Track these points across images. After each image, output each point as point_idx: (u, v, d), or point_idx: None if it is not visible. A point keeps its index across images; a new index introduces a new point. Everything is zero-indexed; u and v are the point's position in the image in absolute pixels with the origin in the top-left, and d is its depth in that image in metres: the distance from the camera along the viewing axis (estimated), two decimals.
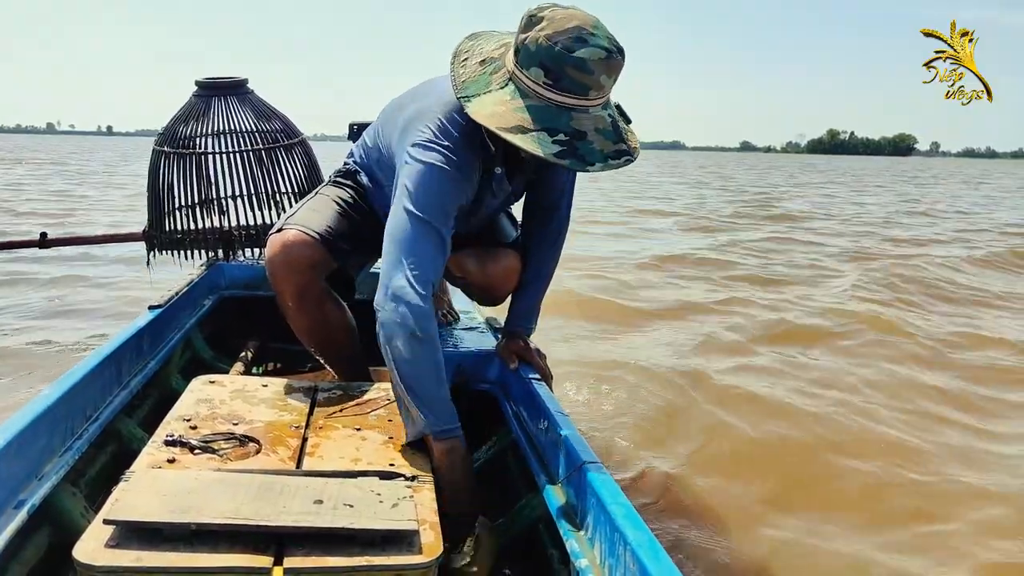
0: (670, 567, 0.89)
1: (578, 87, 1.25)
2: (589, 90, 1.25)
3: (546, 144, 1.24)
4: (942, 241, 8.59)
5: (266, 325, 2.27)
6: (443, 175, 1.39)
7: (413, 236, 1.36)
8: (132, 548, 0.91)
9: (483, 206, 1.60)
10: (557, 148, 1.24)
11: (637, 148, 1.33)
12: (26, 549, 1.15)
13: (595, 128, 1.27)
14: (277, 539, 0.96)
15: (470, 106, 1.31)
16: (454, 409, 1.37)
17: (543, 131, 1.24)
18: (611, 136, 1.28)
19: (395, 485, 1.11)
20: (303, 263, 1.58)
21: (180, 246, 2.63)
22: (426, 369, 1.34)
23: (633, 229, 9.26)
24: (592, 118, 1.27)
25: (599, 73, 1.24)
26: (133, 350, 1.71)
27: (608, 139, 1.28)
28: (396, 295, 1.33)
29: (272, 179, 2.62)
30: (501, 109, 1.28)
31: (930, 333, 3.89)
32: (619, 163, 1.28)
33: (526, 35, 1.27)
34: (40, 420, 1.21)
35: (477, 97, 1.32)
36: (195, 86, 2.67)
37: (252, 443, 1.26)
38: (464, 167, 1.42)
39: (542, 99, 1.26)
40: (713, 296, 4.87)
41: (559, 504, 1.23)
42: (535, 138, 1.24)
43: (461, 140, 1.40)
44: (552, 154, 1.23)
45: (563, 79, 1.24)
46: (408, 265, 1.34)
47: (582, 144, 1.25)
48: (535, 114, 1.26)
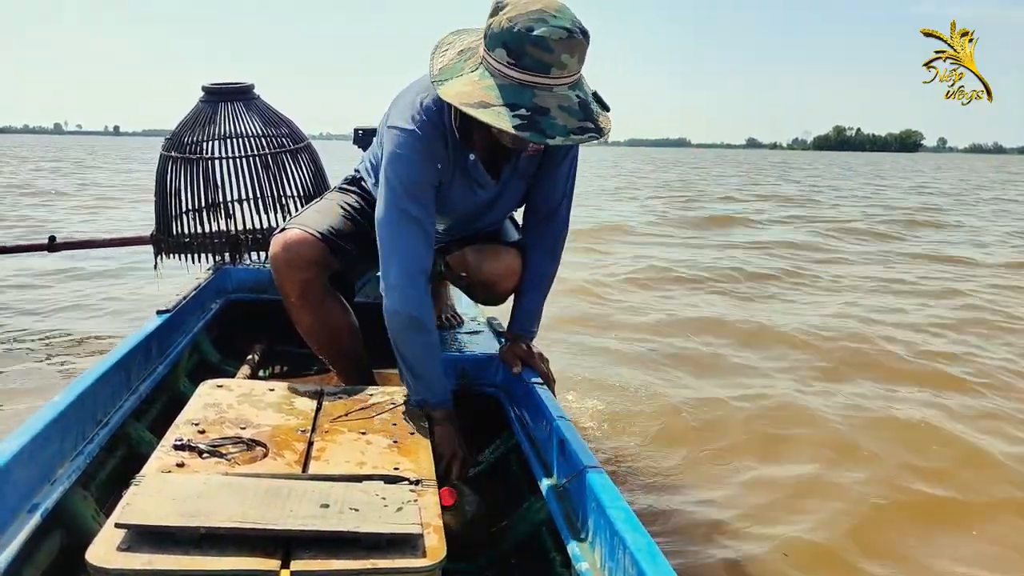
0: (668, 571, 0.91)
1: (539, 65, 1.29)
2: (551, 68, 1.29)
3: (506, 118, 1.29)
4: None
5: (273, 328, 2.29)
6: (409, 158, 1.48)
7: (395, 229, 1.50)
8: (143, 552, 0.93)
9: (472, 198, 1.62)
10: (517, 121, 1.28)
11: (607, 130, 1.36)
12: (39, 552, 1.18)
13: (559, 105, 1.30)
14: (284, 542, 0.98)
15: (441, 88, 1.37)
16: (446, 383, 1.58)
17: (505, 106, 1.29)
18: (576, 114, 1.31)
19: (400, 489, 1.13)
20: (305, 261, 1.63)
21: (187, 250, 2.66)
22: (419, 351, 1.53)
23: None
24: (556, 96, 1.31)
25: (559, 51, 1.28)
26: (142, 355, 1.74)
27: (572, 116, 1.31)
28: (389, 285, 1.51)
29: (278, 183, 2.64)
30: (468, 88, 1.34)
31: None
32: (582, 138, 1.32)
33: (492, 19, 1.33)
34: (52, 425, 1.24)
35: (449, 81, 1.38)
36: (202, 91, 2.70)
37: (259, 447, 1.28)
38: (428, 146, 1.48)
39: (507, 78, 1.31)
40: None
41: (560, 508, 1.25)
42: (496, 112, 1.30)
43: (427, 122, 1.47)
44: (512, 126, 1.28)
45: (524, 57, 1.29)
46: (396, 258, 1.50)
47: (544, 119, 1.29)
48: (499, 92, 1.31)
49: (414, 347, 1.53)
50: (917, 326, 4.11)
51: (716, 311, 4.53)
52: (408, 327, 1.52)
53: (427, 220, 1.52)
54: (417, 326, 1.52)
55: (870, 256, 7.18)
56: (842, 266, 6.49)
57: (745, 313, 4.46)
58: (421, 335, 1.53)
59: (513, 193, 1.69)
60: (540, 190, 1.69)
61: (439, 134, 1.49)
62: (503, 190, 1.65)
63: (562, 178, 1.68)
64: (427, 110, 1.47)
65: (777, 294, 5.19)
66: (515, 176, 1.64)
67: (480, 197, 1.64)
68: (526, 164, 1.62)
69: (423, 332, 1.53)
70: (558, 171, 1.66)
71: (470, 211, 1.68)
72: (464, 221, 1.72)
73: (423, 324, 1.52)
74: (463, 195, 1.61)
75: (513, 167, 1.61)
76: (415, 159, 1.48)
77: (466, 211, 1.67)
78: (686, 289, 5.28)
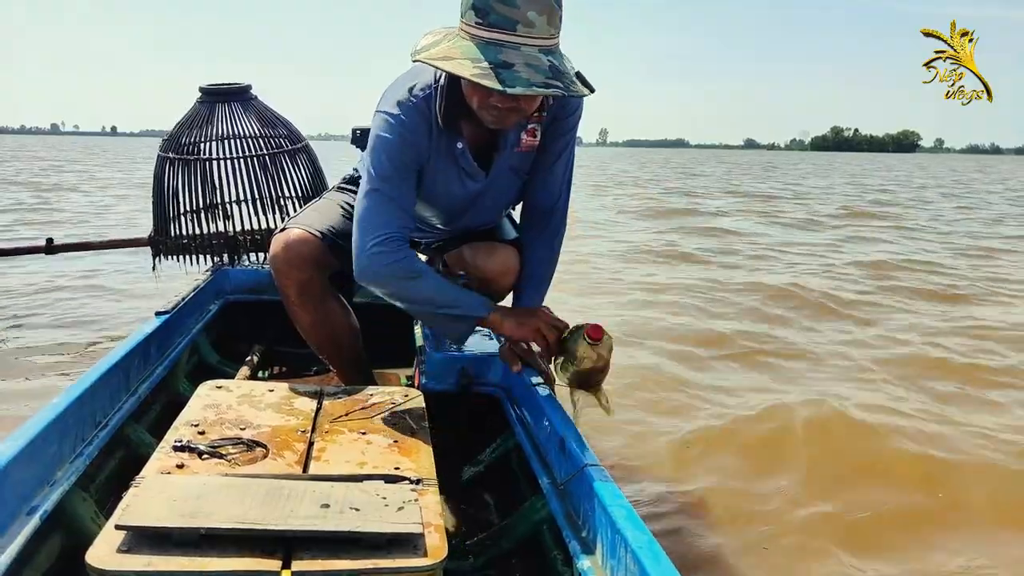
0: (670, 568, 0.91)
1: (505, 21, 1.29)
2: (516, 24, 1.29)
3: (467, 67, 1.29)
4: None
5: (272, 329, 2.29)
6: (390, 140, 1.48)
7: (371, 206, 1.50)
8: (143, 553, 0.93)
9: (461, 188, 1.62)
10: (477, 71, 1.29)
11: (580, 94, 1.35)
12: (39, 554, 1.17)
13: (525, 63, 1.30)
14: (285, 543, 0.97)
15: (419, 56, 1.38)
16: (475, 295, 1.61)
17: (468, 60, 1.30)
18: (543, 72, 1.30)
19: (400, 488, 1.13)
20: (304, 260, 1.63)
21: (186, 251, 2.65)
22: (435, 290, 1.54)
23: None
24: (523, 55, 1.30)
25: (525, 8, 1.28)
26: (141, 356, 1.74)
27: (538, 73, 1.30)
28: (366, 253, 1.49)
29: (276, 184, 2.64)
30: (435, 50, 1.36)
31: None
32: (545, 91, 1.31)
33: None
34: (51, 427, 1.23)
35: (427, 50, 1.39)
36: (199, 92, 2.70)
37: (259, 448, 1.28)
38: (410, 130, 1.49)
39: (476, 38, 1.32)
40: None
41: (562, 506, 1.25)
42: (457, 63, 1.30)
43: (412, 107, 1.48)
44: (471, 73, 1.28)
45: (490, 15, 1.29)
46: (371, 229, 1.49)
47: (506, 72, 1.29)
48: (465, 49, 1.32)
49: (420, 292, 1.53)
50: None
51: (640, 275, 5.63)
52: (404, 280, 1.51)
53: (406, 201, 1.53)
54: (409, 274, 1.51)
55: (786, 240, 8.33)
56: (758, 246, 7.68)
57: (670, 277, 5.58)
58: (420, 280, 1.52)
59: (505, 187, 1.68)
60: (537, 187, 1.69)
61: (423, 119, 1.50)
62: (493, 183, 1.64)
63: (559, 176, 1.68)
64: (413, 96, 1.49)
65: (701, 263, 6.41)
66: (507, 170, 1.63)
67: (469, 188, 1.63)
68: (520, 160, 1.62)
69: (421, 277, 1.53)
70: (554, 169, 1.66)
71: (461, 203, 1.67)
72: (457, 214, 1.72)
73: (414, 270, 1.52)
74: (452, 185, 1.60)
75: (505, 159, 1.60)
76: (396, 142, 1.49)
77: (457, 202, 1.66)
78: (623, 263, 6.29)
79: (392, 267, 1.50)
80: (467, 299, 1.58)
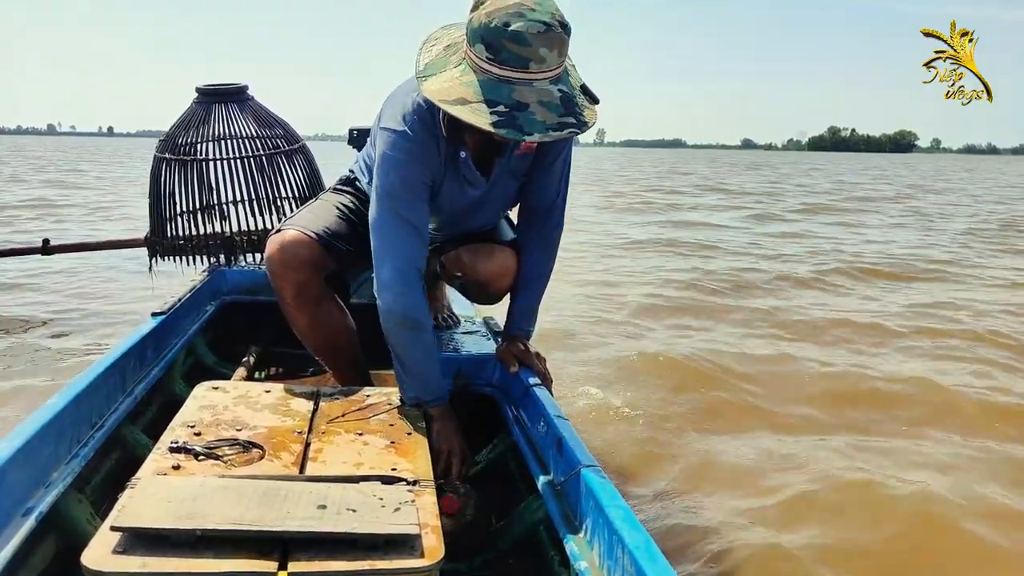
0: (667, 569, 0.91)
1: (517, 60, 1.28)
2: (529, 62, 1.28)
3: (484, 114, 1.29)
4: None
5: (268, 330, 2.28)
6: (400, 159, 1.48)
7: (388, 229, 1.50)
8: (139, 554, 0.93)
9: (462, 196, 1.61)
10: (495, 118, 1.28)
11: (591, 123, 1.35)
12: (34, 556, 1.17)
13: (539, 101, 1.30)
14: (281, 544, 0.97)
15: (423, 84, 1.37)
16: (443, 381, 1.58)
17: (483, 103, 1.29)
18: (556, 109, 1.31)
19: (397, 489, 1.13)
20: (301, 261, 1.63)
21: (182, 252, 2.65)
22: (415, 349, 1.53)
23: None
24: (536, 91, 1.30)
25: (538, 45, 1.27)
26: (137, 357, 1.73)
27: (552, 111, 1.30)
28: (383, 285, 1.51)
29: (273, 184, 2.63)
30: (448, 85, 1.34)
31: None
32: (561, 134, 1.32)
33: (473, 14, 1.33)
34: (47, 428, 1.23)
35: (433, 76, 1.38)
36: (196, 92, 2.69)
37: (256, 449, 1.28)
38: (420, 147, 1.48)
39: (487, 74, 1.31)
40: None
41: (559, 507, 1.25)
42: (473, 109, 1.30)
43: (418, 122, 1.47)
44: (490, 123, 1.28)
45: (502, 52, 1.28)
46: (389, 258, 1.50)
47: (522, 115, 1.29)
48: (479, 88, 1.31)
49: (409, 346, 1.53)
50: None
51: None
52: (402, 326, 1.52)
53: (420, 220, 1.52)
54: (412, 324, 1.52)
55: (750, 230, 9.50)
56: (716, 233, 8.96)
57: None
58: (416, 333, 1.53)
59: (504, 191, 1.68)
60: (534, 189, 1.69)
61: (431, 134, 1.48)
62: (493, 188, 1.64)
63: (556, 177, 1.67)
64: (418, 110, 1.47)
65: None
66: (506, 174, 1.63)
67: (470, 195, 1.63)
68: (518, 162, 1.62)
69: (418, 330, 1.53)
70: (552, 170, 1.66)
71: (461, 209, 1.67)
72: (455, 219, 1.72)
73: (418, 322, 1.53)
74: (453, 193, 1.60)
75: (505, 164, 1.60)
76: (406, 160, 1.48)
77: (456, 209, 1.66)
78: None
79: (397, 303, 1.50)
80: (434, 382, 1.54)
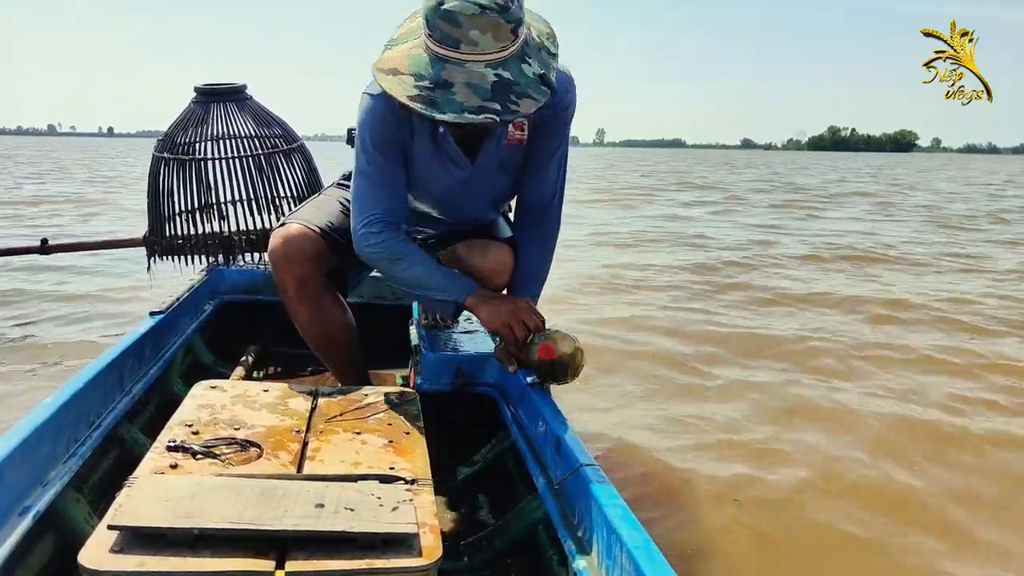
0: (666, 568, 0.91)
1: (449, 39, 1.28)
2: (459, 43, 1.27)
3: (407, 88, 1.29)
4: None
5: (267, 329, 2.28)
6: (369, 120, 1.52)
7: (364, 184, 1.56)
8: (136, 553, 0.92)
9: (447, 175, 1.61)
10: (415, 92, 1.29)
11: (522, 113, 1.31)
12: (32, 555, 1.17)
13: (466, 82, 1.28)
14: (279, 543, 0.97)
15: (384, 53, 1.38)
16: (458, 278, 1.62)
17: (411, 76, 1.30)
18: (482, 93, 1.28)
19: (395, 488, 1.12)
20: (304, 255, 1.65)
21: (181, 251, 2.65)
22: (413, 274, 1.59)
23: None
24: (467, 72, 1.28)
25: (468, 27, 1.26)
26: (135, 356, 1.73)
27: (476, 95, 1.28)
28: (358, 233, 1.57)
29: (272, 184, 2.64)
30: (397, 55, 1.35)
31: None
32: (477, 118, 1.29)
33: None
34: (44, 427, 1.23)
35: (396, 46, 1.38)
36: (194, 92, 2.69)
37: (253, 448, 1.27)
38: (393, 110, 1.47)
39: (427, 48, 1.31)
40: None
41: (557, 506, 1.24)
42: (400, 80, 1.31)
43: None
44: (406, 96, 1.29)
45: (436, 30, 1.28)
46: (363, 208, 1.56)
47: (442, 93, 1.28)
48: (417, 61, 1.31)
49: (406, 273, 1.59)
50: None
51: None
52: (391, 262, 1.58)
53: (396, 178, 1.56)
54: (398, 257, 1.57)
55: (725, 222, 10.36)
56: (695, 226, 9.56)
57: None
58: (405, 261, 1.58)
59: (493, 181, 1.66)
60: (530, 186, 1.68)
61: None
62: (480, 173, 1.62)
63: (552, 174, 1.67)
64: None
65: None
66: (495, 163, 1.62)
67: (455, 176, 1.62)
68: (508, 154, 1.61)
69: (405, 259, 1.57)
70: (547, 168, 1.65)
71: (448, 193, 1.66)
72: (445, 205, 1.71)
73: (403, 254, 1.57)
74: (437, 172, 1.60)
75: (493, 152, 1.59)
76: (378, 120, 1.51)
77: (444, 193, 1.66)
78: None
79: (377, 248, 1.56)
80: (449, 283, 1.61)
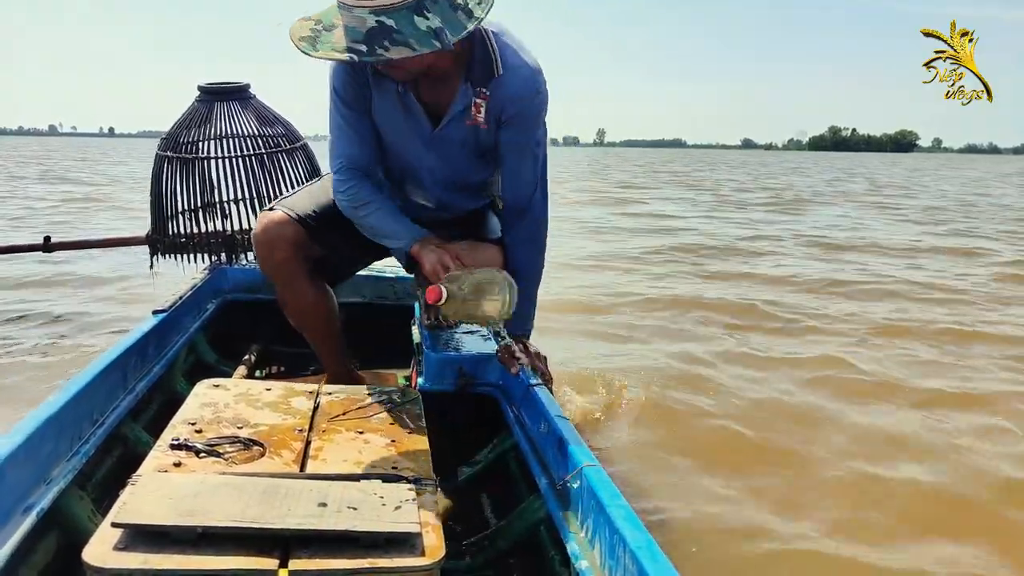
0: (668, 568, 0.91)
1: None
2: None
3: (303, 30, 1.35)
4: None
5: (269, 328, 2.28)
6: (337, 71, 1.58)
7: (334, 133, 1.65)
8: (139, 551, 0.93)
9: (409, 133, 1.61)
10: (306, 33, 1.34)
11: (388, 58, 1.31)
12: (36, 552, 1.17)
13: (346, 25, 1.32)
14: (282, 541, 0.97)
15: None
16: (412, 227, 1.65)
17: (315, 21, 1.36)
18: (355, 36, 1.31)
19: (398, 488, 1.13)
20: (285, 240, 1.71)
21: (183, 250, 2.65)
22: (374, 219, 1.65)
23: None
24: (353, 17, 1.32)
25: None
26: (138, 355, 1.73)
27: (348, 37, 1.31)
28: (335, 183, 1.67)
29: (274, 183, 2.64)
30: (330, 6, 1.40)
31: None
32: (338, 56, 1.32)
33: None
34: (47, 425, 1.23)
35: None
36: (197, 91, 2.70)
37: (256, 447, 1.28)
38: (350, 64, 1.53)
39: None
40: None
41: (559, 506, 1.24)
42: (302, 25, 1.36)
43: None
44: (298, 37, 1.34)
45: None
46: (335, 158, 1.65)
47: (324, 34, 1.34)
48: (328, 9, 1.37)
49: (369, 217, 1.65)
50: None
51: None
52: (356, 209, 1.65)
53: (362, 128, 1.62)
54: (362, 204, 1.64)
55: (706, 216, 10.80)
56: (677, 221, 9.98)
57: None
58: (368, 208, 1.64)
59: (458, 156, 1.65)
60: (507, 187, 1.69)
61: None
62: (443, 142, 1.62)
63: (527, 174, 1.66)
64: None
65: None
66: (456, 138, 1.61)
67: (419, 134, 1.62)
68: (469, 133, 1.59)
69: (369, 205, 1.64)
70: (520, 166, 1.65)
71: (414, 155, 1.66)
72: (412, 172, 1.72)
73: (366, 201, 1.64)
74: (399, 127, 1.62)
75: (456, 126, 1.58)
76: (342, 71, 1.57)
77: (410, 155, 1.67)
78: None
79: (346, 194, 1.64)
80: (402, 229, 1.65)
